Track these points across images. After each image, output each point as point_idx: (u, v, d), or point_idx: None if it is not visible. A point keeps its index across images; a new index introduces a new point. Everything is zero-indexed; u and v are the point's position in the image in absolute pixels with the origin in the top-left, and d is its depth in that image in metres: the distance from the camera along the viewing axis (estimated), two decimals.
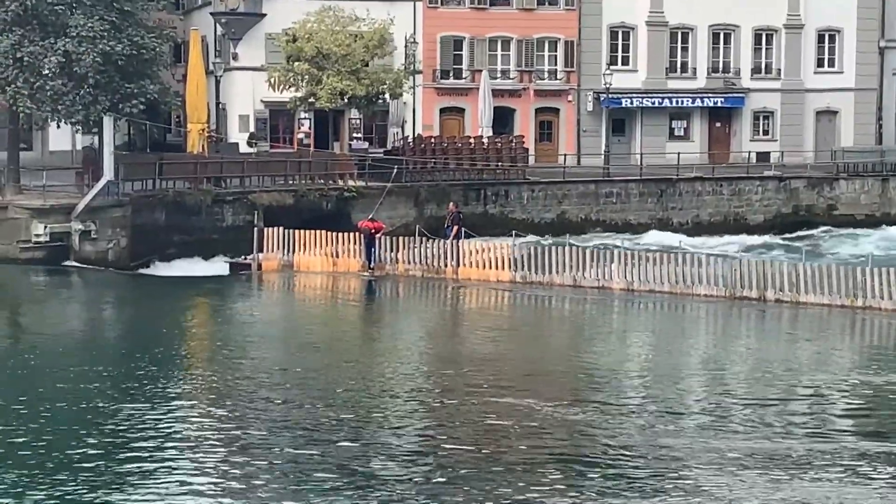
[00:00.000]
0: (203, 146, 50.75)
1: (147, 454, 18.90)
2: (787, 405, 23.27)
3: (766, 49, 67.69)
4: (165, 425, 20.80)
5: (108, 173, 43.56)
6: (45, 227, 42.31)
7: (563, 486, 17.58)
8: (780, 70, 67.73)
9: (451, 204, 47.36)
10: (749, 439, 20.40)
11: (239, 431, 20.49)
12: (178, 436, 20.21)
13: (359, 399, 23.19)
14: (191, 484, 17.44)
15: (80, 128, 47.77)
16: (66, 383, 24.09)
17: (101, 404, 22.32)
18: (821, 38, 68.33)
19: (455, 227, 44.16)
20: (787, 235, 56.60)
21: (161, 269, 43.94)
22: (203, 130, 51.19)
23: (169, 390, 23.80)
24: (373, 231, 42.62)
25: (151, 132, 59.63)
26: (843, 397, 24.48)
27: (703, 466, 18.67)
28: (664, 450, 19.55)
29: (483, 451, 19.40)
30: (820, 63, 68.51)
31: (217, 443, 19.77)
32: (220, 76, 57.35)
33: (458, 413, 22.23)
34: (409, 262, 42.60)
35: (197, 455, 19.05)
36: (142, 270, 43.58)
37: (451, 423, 21.46)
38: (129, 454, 18.93)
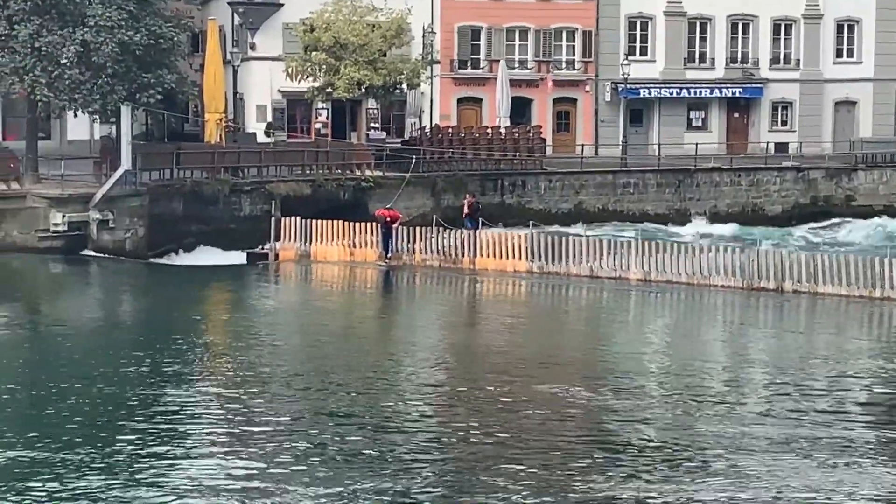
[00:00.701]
0: (221, 136, 50.77)
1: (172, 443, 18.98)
2: (820, 392, 23.23)
3: (785, 39, 67.51)
4: (182, 414, 20.84)
5: (125, 163, 43.63)
6: (64, 216, 42.39)
7: (601, 469, 17.66)
8: (798, 60, 67.55)
9: (469, 195, 47.37)
10: (787, 426, 20.39)
11: (259, 419, 20.52)
12: (195, 422, 20.27)
13: (377, 387, 23.20)
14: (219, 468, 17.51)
15: (98, 117, 47.80)
16: (82, 371, 24.16)
17: (117, 391, 22.39)
18: (840, 29, 68.14)
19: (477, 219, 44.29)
20: (813, 225, 56.59)
21: (178, 258, 43.99)
22: (220, 120, 51.20)
23: (186, 379, 23.84)
24: (388, 220, 42.60)
25: (169, 122, 59.65)
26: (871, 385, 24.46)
27: (746, 451, 18.68)
28: (710, 436, 19.59)
29: (519, 437, 19.41)
30: (839, 53, 68.32)
31: (237, 430, 19.81)
32: (238, 66, 57.39)
33: (485, 399, 22.24)
34: (425, 252, 42.60)
35: (214, 437, 19.12)
36: (159, 260, 43.65)
37: (479, 409, 21.47)
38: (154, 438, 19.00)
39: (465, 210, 45.55)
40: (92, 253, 42.64)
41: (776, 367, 26.34)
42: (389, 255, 42.58)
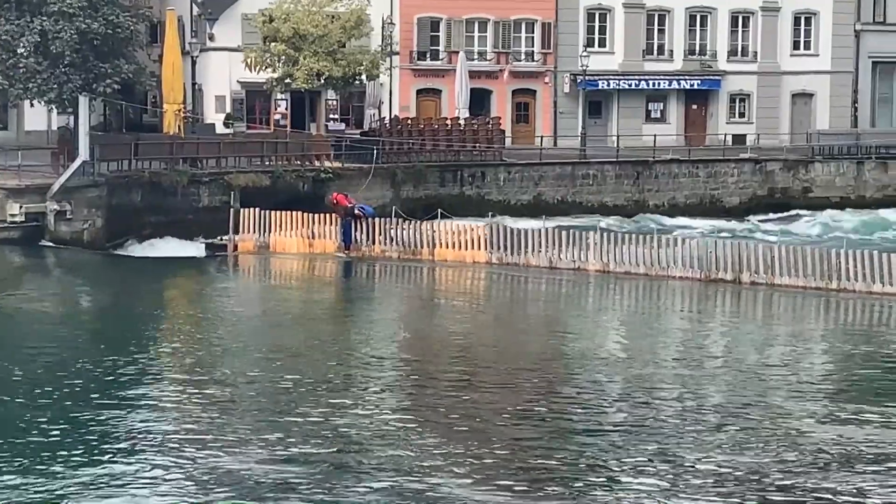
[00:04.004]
0: (179, 127, 50.55)
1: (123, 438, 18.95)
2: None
3: (743, 31, 67.77)
4: (138, 417, 20.82)
5: (83, 153, 43.39)
6: (21, 207, 42.13)
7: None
8: (756, 52, 67.84)
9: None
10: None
11: (217, 415, 20.51)
12: (149, 422, 20.25)
13: (338, 380, 23.25)
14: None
15: (55, 107, 47.58)
16: (28, 362, 24.08)
17: (71, 382, 22.34)
18: (797, 21, 68.45)
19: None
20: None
21: (137, 249, 43.78)
22: (179, 111, 50.98)
23: (141, 371, 23.80)
24: (335, 203, 42.70)
25: (127, 113, 59.31)
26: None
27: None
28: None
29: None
30: (796, 46, 68.64)
31: (192, 426, 19.80)
32: (196, 56, 57.12)
33: (452, 394, 22.34)
34: (385, 244, 42.62)
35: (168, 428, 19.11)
36: (117, 251, 43.46)
37: (441, 404, 21.57)
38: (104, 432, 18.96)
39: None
40: (49, 244, 42.40)
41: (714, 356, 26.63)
42: (349, 246, 42.57)
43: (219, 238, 44.39)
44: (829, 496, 16.52)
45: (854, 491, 16.76)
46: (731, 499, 16.34)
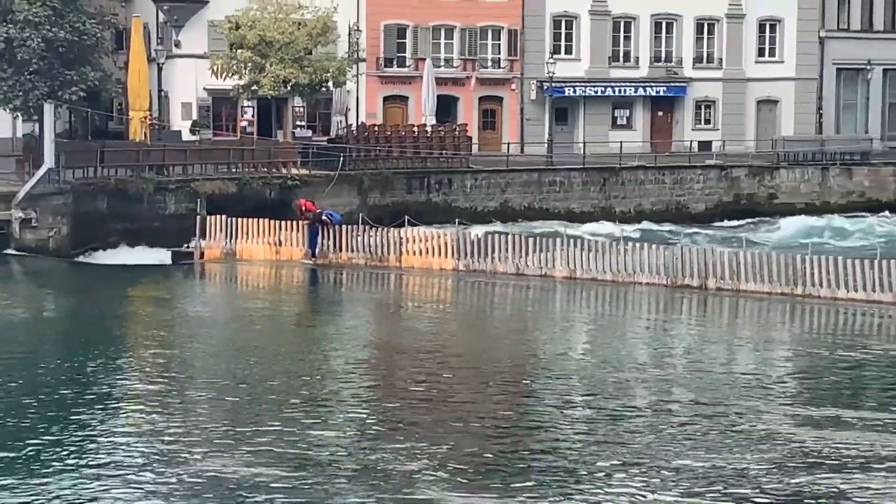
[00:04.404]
0: (145, 134, 50.44)
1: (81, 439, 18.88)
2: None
3: (708, 38, 68.10)
4: (98, 418, 20.75)
5: (48, 161, 43.23)
6: None
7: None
8: (721, 59, 68.17)
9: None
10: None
11: (185, 422, 20.47)
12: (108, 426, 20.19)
13: (306, 387, 23.23)
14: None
15: (20, 114, 47.37)
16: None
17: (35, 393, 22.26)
18: (762, 28, 68.83)
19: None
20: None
21: (103, 257, 43.63)
22: (145, 118, 50.88)
23: (104, 379, 23.72)
24: (304, 210, 42.71)
25: (93, 120, 59.12)
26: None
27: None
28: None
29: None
30: (761, 53, 69.01)
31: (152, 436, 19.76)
32: (163, 63, 57.00)
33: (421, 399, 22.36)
34: (352, 251, 42.61)
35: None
36: (83, 259, 43.30)
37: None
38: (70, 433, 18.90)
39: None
40: (14, 252, 42.19)
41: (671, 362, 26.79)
42: (316, 253, 42.54)
43: (185, 245, 44.28)
44: (811, 499, 16.70)
45: (835, 492, 16.92)
46: (714, 498, 16.52)
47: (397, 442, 19.18)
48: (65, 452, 18.32)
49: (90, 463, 17.84)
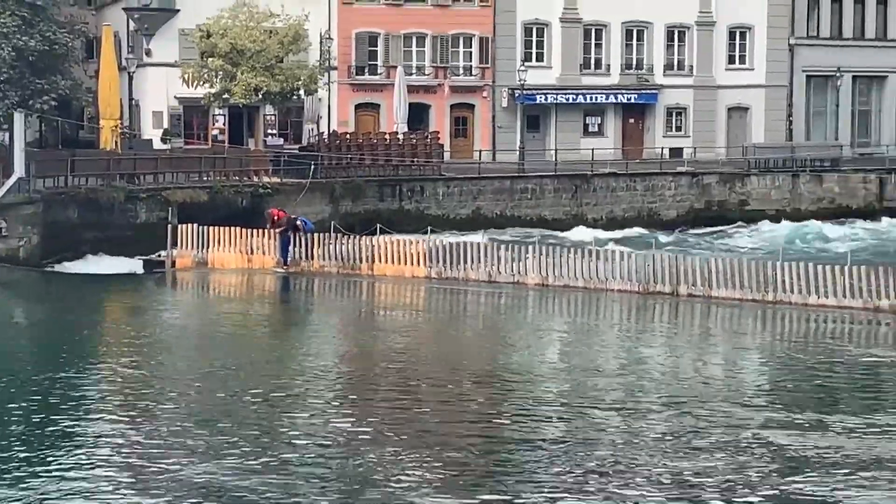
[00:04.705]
0: (116, 143, 50.33)
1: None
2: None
3: (679, 46, 68.36)
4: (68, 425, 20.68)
5: (18, 170, 43.04)
6: None
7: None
8: (692, 67, 68.43)
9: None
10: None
11: (152, 430, 20.42)
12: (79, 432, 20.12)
13: (278, 392, 23.20)
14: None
15: None
16: None
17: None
18: (732, 35, 69.15)
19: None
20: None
21: (73, 266, 43.49)
22: (116, 127, 50.76)
23: (75, 388, 23.64)
24: (276, 219, 42.67)
25: (64, 129, 59.00)
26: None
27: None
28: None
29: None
30: (731, 60, 69.32)
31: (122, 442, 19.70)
32: (134, 72, 56.87)
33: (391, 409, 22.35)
34: (324, 259, 42.56)
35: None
36: (54, 268, 43.13)
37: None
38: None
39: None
40: None
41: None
42: (287, 261, 42.49)
43: (157, 254, 44.16)
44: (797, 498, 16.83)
45: (825, 494, 17.03)
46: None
47: (373, 448, 19.18)
48: (35, 460, 18.26)
49: (59, 468, 17.79)
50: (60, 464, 18.17)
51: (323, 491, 17.10)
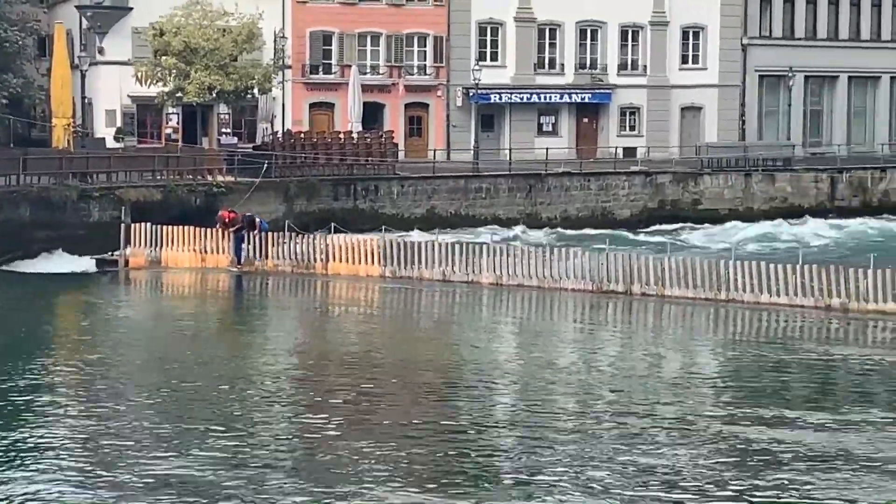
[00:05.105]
0: (69, 141, 50.02)
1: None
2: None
3: (633, 45, 68.58)
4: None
5: None
6: None
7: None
8: (645, 66, 68.67)
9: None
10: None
11: (102, 433, 20.35)
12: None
13: (233, 392, 23.18)
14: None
15: None
16: None
17: None
18: (685, 35, 69.43)
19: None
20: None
21: (25, 265, 43.21)
22: (68, 125, 50.45)
23: (30, 387, 23.53)
24: (227, 221, 42.55)
25: (15, 127, 58.59)
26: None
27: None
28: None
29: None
30: (685, 59, 69.60)
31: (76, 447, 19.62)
32: (86, 70, 56.51)
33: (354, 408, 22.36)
34: (278, 258, 42.50)
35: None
36: (5, 267, 42.84)
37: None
38: None
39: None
40: None
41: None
42: (241, 260, 42.40)
43: (110, 253, 43.96)
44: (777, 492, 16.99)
45: (801, 486, 17.21)
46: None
47: (332, 444, 19.22)
48: None
49: (25, 468, 17.72)
50: (19, 461, 18.11)
51: (292, 484, 17.12)
